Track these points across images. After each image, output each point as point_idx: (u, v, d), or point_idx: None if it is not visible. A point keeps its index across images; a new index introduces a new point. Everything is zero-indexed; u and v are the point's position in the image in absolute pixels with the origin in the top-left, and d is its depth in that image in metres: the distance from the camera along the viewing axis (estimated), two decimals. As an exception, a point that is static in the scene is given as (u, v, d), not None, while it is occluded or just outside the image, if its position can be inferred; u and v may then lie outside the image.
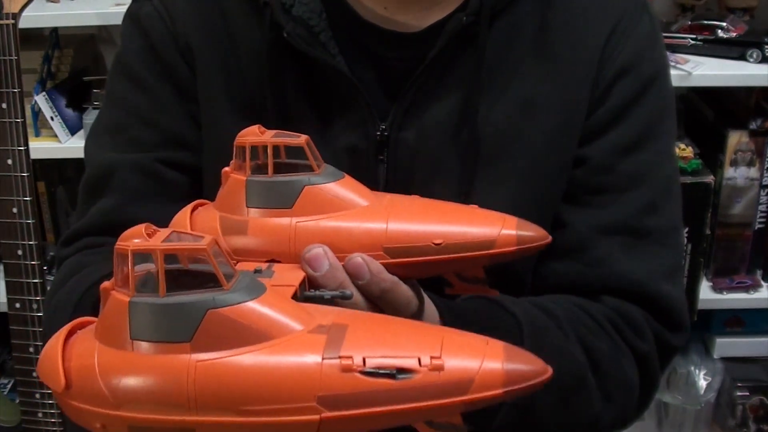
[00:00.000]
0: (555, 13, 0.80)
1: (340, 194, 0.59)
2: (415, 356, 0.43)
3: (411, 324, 0.50)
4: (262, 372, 0.43)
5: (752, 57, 1.58)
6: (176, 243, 0.44)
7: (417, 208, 0.61)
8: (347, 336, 0.44)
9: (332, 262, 0.57)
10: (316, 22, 0.77)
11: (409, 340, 0.45)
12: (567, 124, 0.80)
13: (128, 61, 0.85)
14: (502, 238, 0.58)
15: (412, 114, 0.78)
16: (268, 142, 0.59)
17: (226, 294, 0.44)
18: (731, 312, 1.80)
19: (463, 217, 0.60)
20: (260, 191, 0.58)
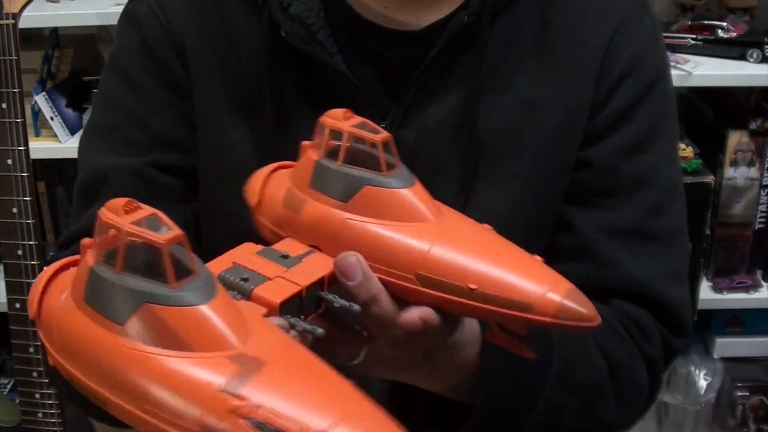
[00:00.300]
0: (556, 13, 0.80)
1: (399, 202, 0.56)
2: (306, 424, 0.40)
3: (337, 386, 0.44)
4: (165, 379, 0.43)
5: (752, 57, 1.58)
6: (139, 229, 0.44)
7: (474, 240, 0.56)
8: (257, 376, 0.42)
9: (366, 273, 0.56)
10: (314, 20, 0.77)
11: (318, 403, 0.42)
12: (568, 124, 0.80)
13: (122, 61, 0.85)
14: (541, 304, 0.52)
15: (413, 113, 0.78)
16: (344, 129, 0.57)
17: (167, 292, 0.44)
18: (731, 312, 1.80)
19: (516, 267, 0.54)
20: (324, 176, 0.57)
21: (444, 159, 0.79)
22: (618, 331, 0.79)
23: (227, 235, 0.83)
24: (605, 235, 0.80)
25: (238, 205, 0.82)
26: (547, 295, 0.52)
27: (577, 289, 0.54)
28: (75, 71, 1.77)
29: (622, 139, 0.81)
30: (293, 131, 0.80)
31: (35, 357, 1.46)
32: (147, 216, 0.46)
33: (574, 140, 0.81)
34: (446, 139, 0.78)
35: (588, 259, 0.80)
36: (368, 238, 0.56)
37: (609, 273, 0.80)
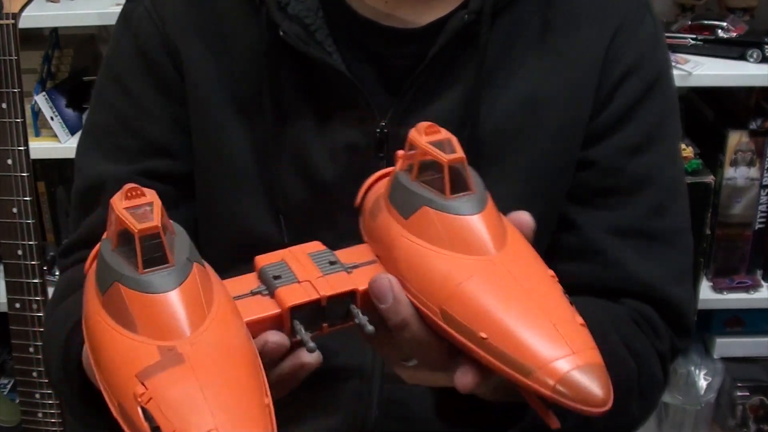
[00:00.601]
0: (557, 13, 0.80)
1: (453, 229, 0.53)
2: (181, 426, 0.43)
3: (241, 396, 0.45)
4: (109, 350, 0.48)
5: (752, 57, 1.58)
6: (126, 215, 0.49)
7: (514, 285, 0.51)
8: (169, 371, 0.45)
9: (396, 296, 0.54)
10: (312, 20, 0.77)
11: (204, 410, 0.44)
12: (570, 123, 0.80)
13: (115, 65, 0.85)
14: (543, 373, 0.47)
15: (413, 111, 0.78)
16: (419, 144, 0.55)
17: (134, 276, 0.48)
18: (731, 312, 1.80)
19: (541, 325, 0.49)
20: (397, 189, 0.56)
21: None
22: (635, 328, 0.79)
23: (227, 235, 0.83)
24: (609, 234, 0.81)
25: (237, 204, 0.82)
26: (552, 364, 0.47)
27: (601, 364, 0.48)
28: (75, 71, 1.77)
29: (625, 138, 0.81)
30: (292, 131, 0.80)
31: (35, 357, 1.46)
32: (140, 204, 0.49)
33: (575, 139, 0.81)
34: None
35: (592, 259, 0.80)
36: (411, 260, 0.54)
37: (613, 272, 0.80)
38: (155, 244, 0.48)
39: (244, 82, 0.80)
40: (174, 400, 0.44)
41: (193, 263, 0.50)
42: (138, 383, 0.45)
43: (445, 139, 0.55)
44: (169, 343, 0.47)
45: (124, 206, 0.49)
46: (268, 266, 0.57)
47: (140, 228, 0.48)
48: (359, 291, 0.55)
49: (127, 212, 0.49)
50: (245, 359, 0.48)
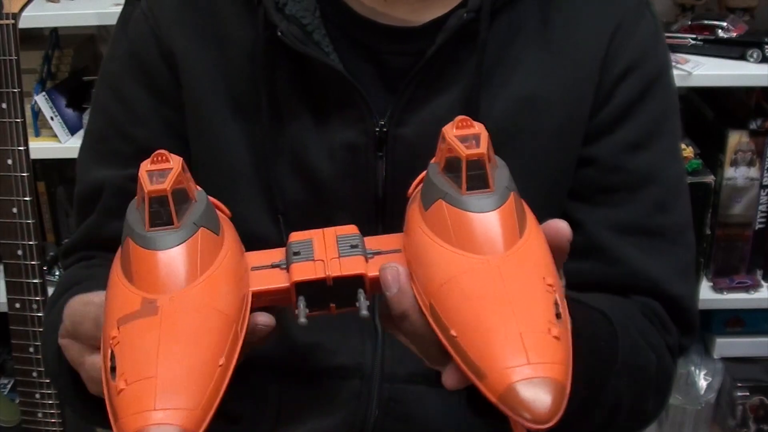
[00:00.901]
0: (556, 11, 0.80)
1: (461, 225, 0.52)
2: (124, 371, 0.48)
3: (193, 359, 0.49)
4: (110, 294, 0.54)
5: (752, 57, 1.58)
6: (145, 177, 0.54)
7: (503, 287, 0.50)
8: (140, 320, 0.50)
9: (401, 287, 0.55)
10: (309, 20, 0.77)
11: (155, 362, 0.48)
12: (570, 121, 0.80)
13: (110, 69, 0.86)
14: (494, 379, 0.47)
15: (411, 110, 0.78)
16: (446, 136, 0.55)
17: (141, 233, 0.53)
18: (731, 312, 1.80)
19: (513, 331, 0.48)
20: (425, 180, 0.57)
21: None
22: (647, 322, 0.79)
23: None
24: (612, 232, 0.81)
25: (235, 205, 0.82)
26: (504, 372, 0.46)
27: (553, 382, 0.46)
28: (75, 71, 1.77)
29: (625, 135, 0.81)
30: (290, 131, 0.80)
31: (35, 357, 1.46)
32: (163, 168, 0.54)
33: (576, 137, 0.81)
34: None
35: (596, 257, 0.81)
36: (419, 252, 0.54)
37: (618, 270, 0.80)
38: (164, 206, 0.53)
39: (241, 82, 0.80)
40: (133, 347, 0.49)
41: (199, 228, 0.53)
42: (115, 327, 0.50)
43: (473, 134, 0.55)
44: (153, 296, 0.51)
45: (147, 169, 0.54)
46: (295, 242, 0.59)
47: (149, 189, 0.53)
48: (368, 276, 0.56)
49: (147, 175, 0.54)
50: (218, 322, 0.51)
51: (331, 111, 0.79)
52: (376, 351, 0.82)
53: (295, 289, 0.56)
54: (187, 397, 0.47)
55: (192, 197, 0.55)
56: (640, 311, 0.80)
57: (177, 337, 0.49)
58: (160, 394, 0.47)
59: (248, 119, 0.80)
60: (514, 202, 0.54)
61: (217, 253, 0.54)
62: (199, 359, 0.49)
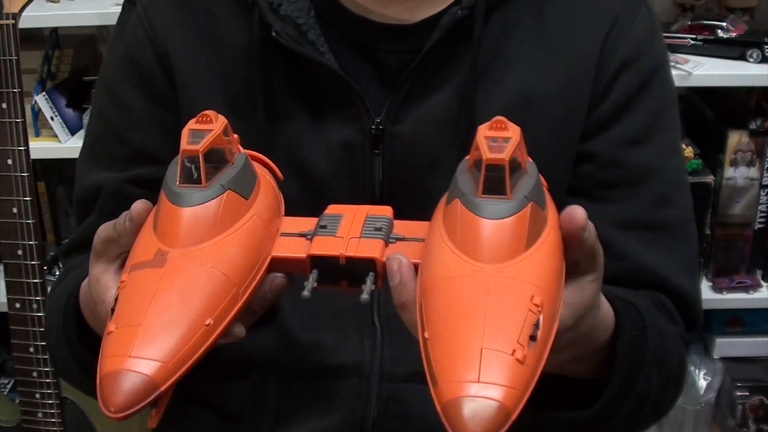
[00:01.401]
0: (551, 7, 0.80)
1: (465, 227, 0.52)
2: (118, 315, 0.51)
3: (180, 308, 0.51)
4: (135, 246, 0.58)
5: (752, 57, 1.58)
6: (185, 136, 0.57)
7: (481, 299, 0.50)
8: (147, 270, 0.53)
9: (404, 278, 0.55)
10: (304, 20, 0.78)
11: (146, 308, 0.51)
12: (566, 117, 0.80)
13: (107, 73, 0.87)
14: (442, 388, 0.47)
15: (407, 107, 0.78)
16: (479, 135, 0.55)
17: (172, 187, 0.56)
18: (731, 312, 1.80)
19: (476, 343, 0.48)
20: (455, 177, 0.56)
21: (441, 152, 0.79)
22: (658, 313, 0.79)
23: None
24: (615, 227, 0.81)
25: None
26: (451, 384, 0.46)
27: (501, 410, 0.46)
28: (75, 71, 1.77)
29: (624, 130, 0.81)
30: (286, 131, 0.80)
31: (35, 357, 1.46)
32: (202, 129, 0.57)
33: (572, 133, 0.81)
34: (443, 132, 0.79)
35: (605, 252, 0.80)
36: (429, 247, 0.55)
37: (623, 265, 0.80)
38: (196, 166, 0.56)
39: (236, 83, 0.80)
40: (133, 294, 0.52)
41: (226, 190, 0.56)
42: (127, 272, 0.54)
43: (504, 137, 0.55)
44: (166, 248, 0.54)
45: (191, 128, 0.57)
46: (327, 215, 0.61)
47: (184, 149, 0.56)
48: (379, 260, 0.57)
49: (188, 133, 0.57)
50: (217, 282, 0.53)
51: (327, 110, 0.79)
52: (375, 350, 0.82)
53: (310, 262, 0.58)
54: (163, 349, 0.49)
55: (230, 160, 0.58)
56: (650, 301, 0.80)
57: (171, 291, 0.52)
58: (139, 342, 0.49)
59: (244, 119, 0.80)
60: (530, 213, 0.53)
61: (240, 217, 0.57)
62: (186, 315, 0.51)
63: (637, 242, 0.81)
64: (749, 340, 1.83)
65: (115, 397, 0.48)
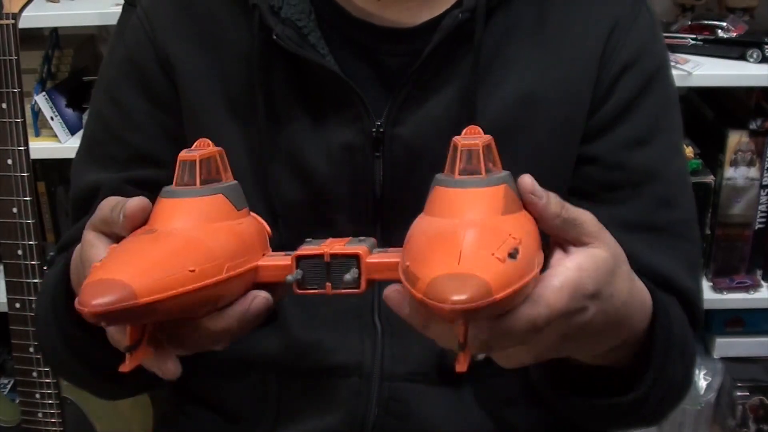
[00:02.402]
0: (552, 9, 0.80)
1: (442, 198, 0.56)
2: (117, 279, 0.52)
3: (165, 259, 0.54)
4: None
5: (752, 57, 1.58)
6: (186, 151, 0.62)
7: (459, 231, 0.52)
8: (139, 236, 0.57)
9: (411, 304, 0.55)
10: (305, 23, 0.78)
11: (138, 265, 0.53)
12: (569, 119, 0.80)
13: (107, 74, 0.87)
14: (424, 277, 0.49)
15: (408, 109, 0.78)
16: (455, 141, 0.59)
17: (168, 189, 0.61)
18: (731, 312, 1.80)
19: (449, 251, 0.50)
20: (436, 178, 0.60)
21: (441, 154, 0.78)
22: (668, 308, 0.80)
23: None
24: (618, 229, 0.80)
25: None
26: (428, 273, 0.48)
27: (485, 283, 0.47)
28: (75, 71, 1.77)
29: (627, 131, 0.81)
30: (287, 133, 0.80)
31: (35, 357, 1.46)
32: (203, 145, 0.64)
33: (574, 134, 0.81)
34: (443, 134, 0.78)
35: None
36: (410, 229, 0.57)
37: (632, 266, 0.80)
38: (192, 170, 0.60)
39: (237, 86, 0.80)
40: (121, 249, 0.55)
41: (219, 193, 0.61)
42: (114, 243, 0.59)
43: (478, 136, 0.60)
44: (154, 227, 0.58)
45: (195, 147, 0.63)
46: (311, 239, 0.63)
47: (182, 156, 0.61)
48: (363, 256, 0.58)
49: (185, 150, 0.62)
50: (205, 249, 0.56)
51: (327, 112, 0.79)
52: (376, 349, 0.82)
53: (296, 262, 0.59)
54: (145, 270, 0.52)
55: (223, 178, 0.63)
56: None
57: (158, 245, 0.55)
58: (122, 265, 0.52)
59: (245, 122, 0.80)
60: (504, 192, 0.56)
61: (230, 219, 0.61)
62: (170, 259, 0.54)
63: (640, 243, 0.81)
64: (749, 340, 1.83)
65: (92, 298, 0.49)
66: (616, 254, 0.61)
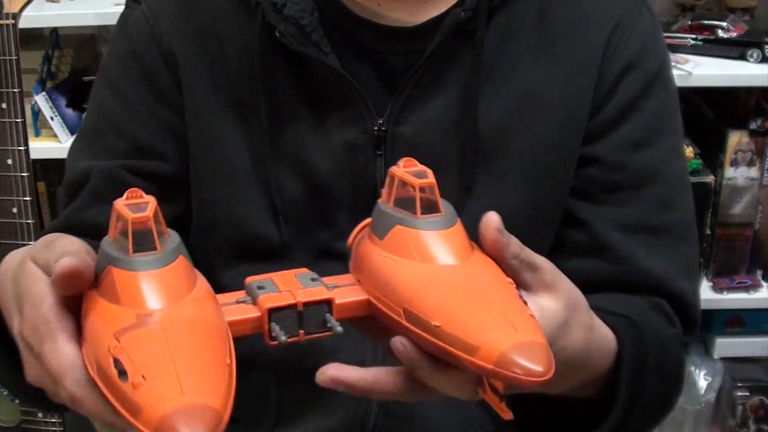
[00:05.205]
0: (554, 9, 0.80)
1: (423, 243, 0.57)
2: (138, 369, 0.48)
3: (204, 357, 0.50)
4: (93, 320, 0.53)
5: (752, 57, 1.58)
6: (124, 209, 0.54)
7: (472, 286, 0.55)
8: (141, 329, 0.51)
9: (410, 352, 0.55)
10: (308, 20, 0.78)
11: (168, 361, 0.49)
12: (570, 119, 0.80)
13: (110, 67, 0.86)
14: (486, 350, 0.50)
15: (410, 109, 0.78)
16: (396, 174, 0.60)
17: (124, 258, 0.53)
18: (731, 312, 1.80)
19: (490, 314, 0.52)
20: (376, 217, 0.60)
21: (443, 154, 0.79)
22: (654, 315, 0.80)
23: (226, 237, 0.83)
24: (617, 230, 0.81)
25: (235, 206, 0.82)
26: (495, 341, 0.50)
27: (541, 344, 0.51)
28: (75, 71, 1.77)
29: (628, 133, 0.81)
30: (289, 131, 0.80)
31: (35, 357, 1.46)
32: (139, 203, 0.55)
33: (575, 135, 0.81)
34: (445, 134, 0.79)
35: (602, 255, 0.81)
36: (381, 272, 0.58)
37: (624, 268, 0.81)
38: (146, 234, 0.54)
39: (240, 83, 0.80)
40: (143, 351, 0.49)
41: (179, 255, 0.55)
42: (114, 339, 0.50)
43: (420, 170, 0.60)
44: (144, 311, 0.52)
45: (124, 203, 0.55)
46: (254, 282, 0.60)
47: (134, 218, 0.53)
48: (335, 301, 0.58)
49: (125, 207, 0.54)
50: (215, 330, 0.53)
51: (329, 111, 0.79)
52: (376, 350, 0.82)
53: (268, 315, 0.58)
54: (211, 384, 0.49)
55: (166, 233, 0.57)
56: (647, 305, 0.80)
57: (183, 340, 0.50)
58: (185, 381, 0.47)
59: (247, 120, 0.80)
60: (461, 226, 0.59)
61: (196, 280, 0.56)
62: (211, 358, 0.50)
63: (639, 245, 0.81)
64: (749, 340, 1.84)
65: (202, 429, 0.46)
66: (570, 305, 0.61)
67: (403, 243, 0.57)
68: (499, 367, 0.50)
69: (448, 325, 0.52)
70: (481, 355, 0.50)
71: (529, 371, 0.50)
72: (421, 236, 0.57)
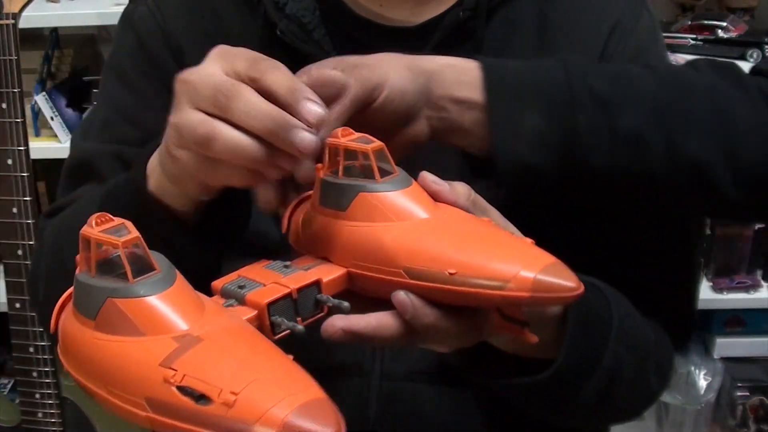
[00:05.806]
0: (554, 9, 0.80)
1: (391, 204, 0.58)
2: (219, 388, 0.45)
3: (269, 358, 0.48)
4: (119, 360, 0.49)
5: (752, 57, 1.58)
6: (102, 234, 0.50)
7: (461, 231, 0.57)
8: (191, 350, 0.47)
9: (415, 304, 0.56)
10: (309, 19, 0.78)
11: (238, 369, 0.46)
12: None
13: (118, 59, 0.86)
14: (517, 281, 0.52)
15: None
16: (339, 144, 0.60)
17: (127, 286, 0.49)
18: (731, 312, 1.80)
19: (499, 250, 0.54)
20: (327, 191, 0.60)
21: (443, 153, 0.79)
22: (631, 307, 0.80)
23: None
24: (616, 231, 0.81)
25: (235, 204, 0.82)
26: (521, 273, 0.52)
27: (559, 262, 0.53)
28: (75, 71, 1.77)
29: None
30: None
31: (35, 357, 1.46)
32: (113, 226, 0.51)
33: None
34: None
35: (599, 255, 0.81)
36: (360, 241, 0.58)
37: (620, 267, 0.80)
38: (139, 256, 0.50)
39: None
40: (208, 369, 0.46)
41: (174, 269, 0.52)
42: (165, 369, 0.46)
43: (360, 137, 0.60)
44: (177, 333, 0.49)
45: (98, 231, 0.50)
46: (228, 284, 0.59)
47: (123, 240, 0.49)
48: (323, 281, 0.58)
49: (104, 234, 0.50)
50: (251, 331, 0.51)
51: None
52: (376, 348, 0.82)
53: (267, 311, 0.56)
54: (301, 378, 0.47)
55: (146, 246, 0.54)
56: None
57: (241, 347, 0.48)
58: (281, 382, 0.46)
59: None
60: (417, 183, 0.60)
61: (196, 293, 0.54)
62: (275, 354, 0.49)
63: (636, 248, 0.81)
64: (749, 340, 1.84)
65: (330, 419, 0.47)
66: None
67: (373, 208, 0.58)
68: (537, 292, 0.52)
69: (465, 270, 0.53)
70: (514, 287, 0.52)
71: (565, 288, 0.52)
72: (389, 198, 0.58)
